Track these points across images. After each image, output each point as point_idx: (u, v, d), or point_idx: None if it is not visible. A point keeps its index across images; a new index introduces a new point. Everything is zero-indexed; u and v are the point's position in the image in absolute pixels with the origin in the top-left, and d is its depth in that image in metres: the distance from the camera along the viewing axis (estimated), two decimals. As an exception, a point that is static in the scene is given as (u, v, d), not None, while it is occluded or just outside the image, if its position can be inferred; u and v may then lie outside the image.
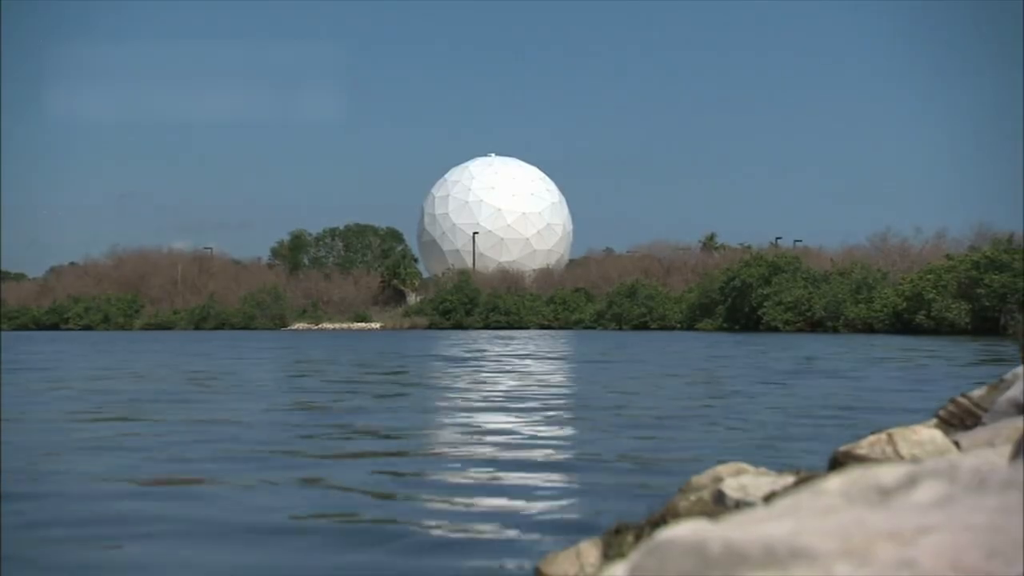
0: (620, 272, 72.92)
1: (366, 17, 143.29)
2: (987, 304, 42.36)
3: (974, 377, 12.54)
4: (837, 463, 3.11)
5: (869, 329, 46.79)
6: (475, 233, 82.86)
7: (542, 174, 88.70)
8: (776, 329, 50.83)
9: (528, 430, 8.40)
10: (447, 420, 9.56)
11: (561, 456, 6.92)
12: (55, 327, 73.86)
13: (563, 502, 5.17)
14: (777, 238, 74.29)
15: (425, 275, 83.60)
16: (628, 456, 6.73)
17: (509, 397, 11.73)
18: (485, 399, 11.58)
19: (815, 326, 50.58)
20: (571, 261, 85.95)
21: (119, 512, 4.89)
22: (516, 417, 9.38)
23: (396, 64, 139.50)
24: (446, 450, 7.29)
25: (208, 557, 4.06)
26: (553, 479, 5.95)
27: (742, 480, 3.04)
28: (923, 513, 1.39)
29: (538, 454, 6.93)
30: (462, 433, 8.28)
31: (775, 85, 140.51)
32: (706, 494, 3.05)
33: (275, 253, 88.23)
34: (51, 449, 7.23)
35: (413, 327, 69.77)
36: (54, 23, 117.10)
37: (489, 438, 7.86)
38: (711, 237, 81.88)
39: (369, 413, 10.20)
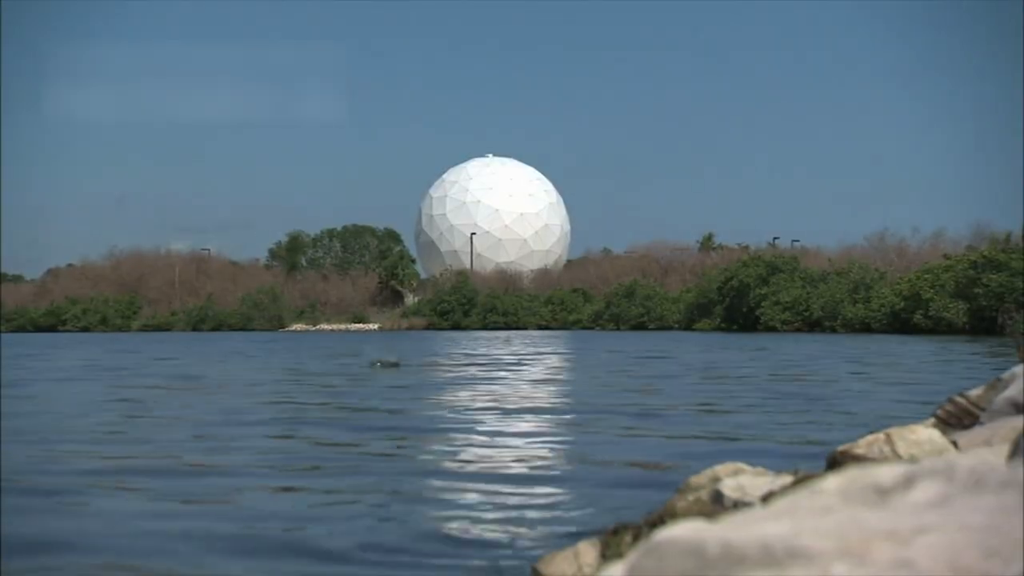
0: (618, 272, 72.97)
1: (366, 17, 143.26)
2: (985, 304, 42.36)
3: (971, 376, 12.55)
4: (835, 463, 3.11)
5: (867, 329, 46.78)
6: (473, 234, 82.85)
7: (539, 174, 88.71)
8: (774, 329, 50.81)
9: (528, 429, 8.40)
10: (446, 418, 9.54)
11: (560, 456, 6.91)
12: (53, 329, 73.74)
13: (561, 502, 5.17)
14: (775, 238, 74.40)
15: (423, 276, 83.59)
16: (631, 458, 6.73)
17: (509, 397, 11.73)
18: (485, 397, 11.58)
19: (813, 326, 50.58)
20: (569, 261, 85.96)
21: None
22: (516, 417, 9.38)
23: (395, 64, 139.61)
24: (444, 450, 7.28)
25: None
26: (552, 479, 5.95)
27: (740, 480, 3.05)
28: (920, 513, 1.39)
29: (537, 454, 6.93)
30: (460, 434, 8.28)
31: (773, 85, 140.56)
32: (704, 494, 3.05)
33: (273, 254, 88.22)
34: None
35: (411, 328, 69.76)
36: (54, 23, 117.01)
37: (489, 438, 7.86)
38: (709, 237, 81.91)
39: (365, 411, 10.19)
